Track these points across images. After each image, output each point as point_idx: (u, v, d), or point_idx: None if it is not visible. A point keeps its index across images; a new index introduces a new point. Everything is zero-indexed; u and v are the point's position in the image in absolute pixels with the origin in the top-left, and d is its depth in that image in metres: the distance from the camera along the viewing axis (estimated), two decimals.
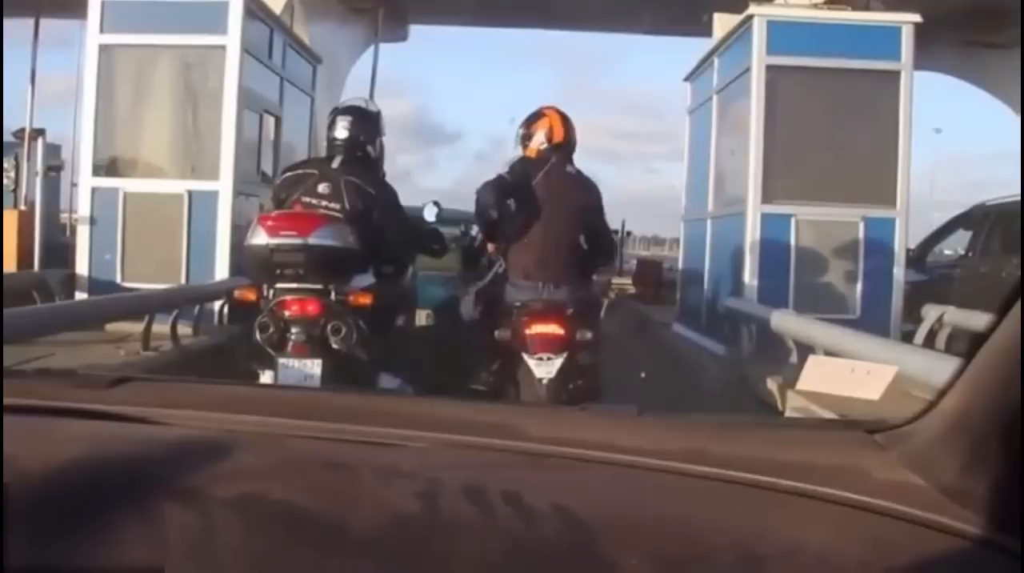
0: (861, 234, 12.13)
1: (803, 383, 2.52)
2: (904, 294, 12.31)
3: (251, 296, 6.60)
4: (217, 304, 12.18)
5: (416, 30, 27.41)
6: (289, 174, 7.25)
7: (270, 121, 14.46)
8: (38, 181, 15.34)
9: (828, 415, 7.90)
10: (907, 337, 11.33)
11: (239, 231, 12.34)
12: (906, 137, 12.15)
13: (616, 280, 24.68)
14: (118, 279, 12.39)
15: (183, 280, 12.32)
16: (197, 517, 1.21)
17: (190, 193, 12.44)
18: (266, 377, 6.23)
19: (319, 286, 6.33)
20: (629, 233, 46.92)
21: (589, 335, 6.74)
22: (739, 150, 12.92)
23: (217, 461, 1.36)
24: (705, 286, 14.39)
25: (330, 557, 1.16)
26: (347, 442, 1.52)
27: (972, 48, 20.32)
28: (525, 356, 6.63)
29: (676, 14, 20.77)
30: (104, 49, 12.56)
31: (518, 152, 7.36)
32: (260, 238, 6.24)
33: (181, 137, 12.78)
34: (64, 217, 18.55)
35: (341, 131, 7.14)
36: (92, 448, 1.39)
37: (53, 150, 17.42)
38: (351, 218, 6.64)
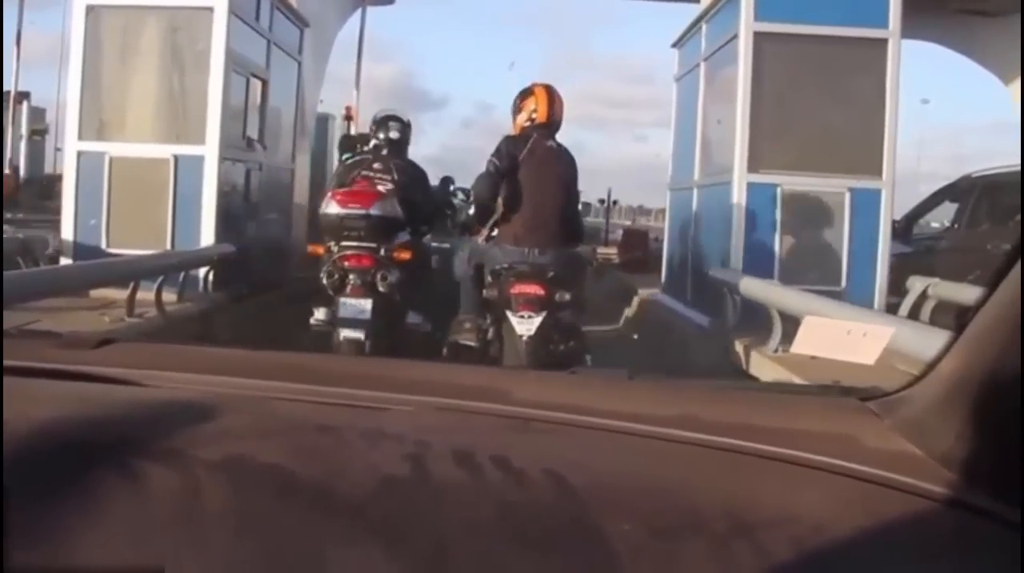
0: (847, 205, 12.06)
1: (798, 346, 2.50)
2: (890, 266, 12.25)
3: (320, 251, 8.77)
4: (202, 271, 12.22)
5: None
6: (349, 160, 9.84)
7: (256, 85, 14.37)
8: (22, 145, 15.30)
9: (812, 383, 7.94)
10: (892, 309, 11.35)
11: (225, 196, 12.40)
12: (893, 107, 12.05)
13: (602, 250, 24.96)
14: (103, 245, 12.34)
15: (168, 246, 12.31)
16: (182, 478, 1.19)
17: (176, 158, 12.41)
18: (320, 313, 8.54)
19: (373, 244, 8.47)
20: (615, 202, 46.43)
21: (568, 296, 7.71)
22: (726, 118, 12.85)
23: (202, 423, 1.34)
24: (690, 256, 14.41)
25: (317, 520, 1.14)
26: (334, 405, 1.50)
27: (961, 16, 20.18)
28: (508, 314, 7.63)
29: None
30: (91, 11, 12.50)
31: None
32: (333, 208, 8.63)
33: (167, 101, 12.70)
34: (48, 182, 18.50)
35: (392, 133, 9.65)
36: (75, 409, 1.37)
37: (38, 114, 17.39)
38: (397, 190, 9.00)
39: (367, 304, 8.24)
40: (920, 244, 15.09)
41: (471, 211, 8.93)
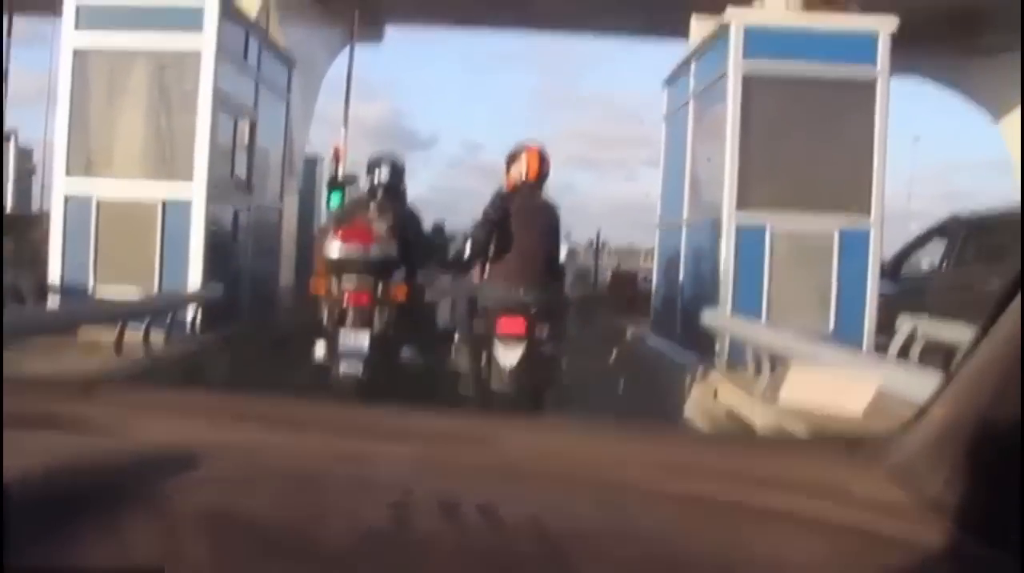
0: (836, 244, 12.06)
1: (786, 394, 2.52)
2: (878, 306, 12.22)
3: (322, 288, 9.51)
4: (191, 311, 12.18)
5: (392, 31, 27.38)
6: (348, 205, 10.92)
7: (245, 125, 14.34)
8: (9, 186, 15.21)
9: (800, 428, 7.94)
10: (881, 349, 11.34)
11: (213, 237, 12.35)
12: (881, 145, 12.09)
13: (591, 295, 25.13)
14: (91, 285, 12.27)
15: (156, 287, 12.22)
16: (165, 528, 1.17)
17: (164, 199, 12.35)
18: (320, 347, 9.30)
19: (371, 283, 9.27)
20: (604, 244, 46.42)
21: (546, 329, 8.86)
22: (715, 157, 12.85)
23: (185, 472, 1.32)
24: (679, 295, 14.35)
25: (299, 571, 1.12)
26: (318, 454, 1.49)
27: (953, 54, 20.18)
28: (496, 343, 8.69)
29: (656, 17, 20.76)
30: (78, 54, 12.47)
31: (502, 183, 9.57)
32: (334, 249, 9.35)
33: (155, 142, 12.63)
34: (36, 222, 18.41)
35: (384, 176, 10.31)
36: (58, 459, 1.35)
37: (25, 154, 17.33)
38: (393, 232, 9.58)
39: (365, 339, 9.10)
40: (909, 284, 15.08)
41: (468, 253, 9.39)
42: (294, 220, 17.97)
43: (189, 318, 12.21)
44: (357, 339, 9.13)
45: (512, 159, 9.51)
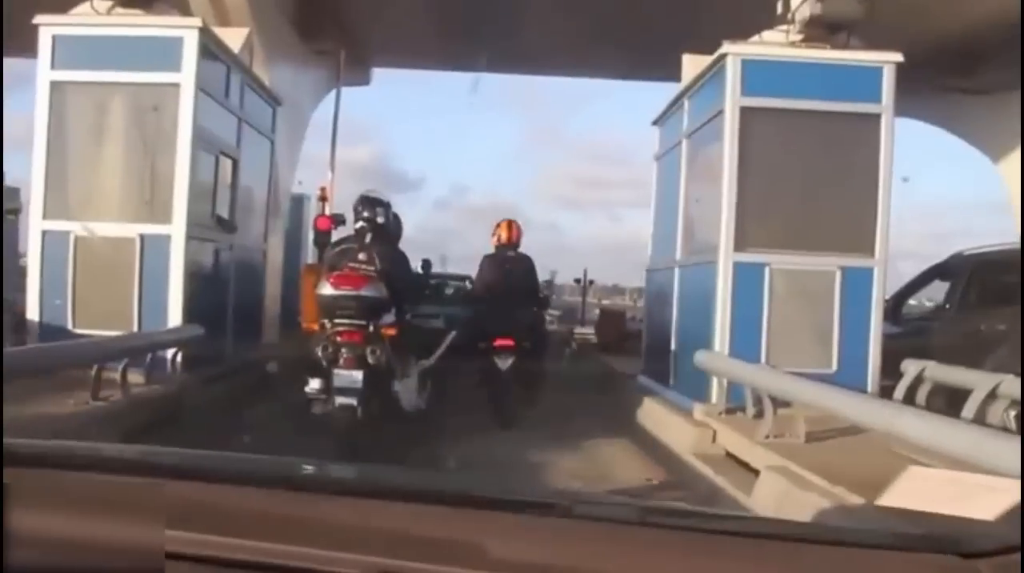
0: (838, 284, 11.70)
1: (892, 497, 2.25)
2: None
3: (316, 327, 10.39)
4: (170, 352, 11.97)
5: (379, 73, 27.59)
6: (338, 248, 11.22)
7: (227, 163, 14.13)
8: None
9: (812, 478, 7.62)
10: (885, 392, 10.98)
11: (193, 277, 12.18)
12: (886, 183, 11.74)
13: (579, 330, 25.90)
14: (69, 325, 12.03)
15: (135, 327, 11.99)
16: None
17: (142, 237, 12.14)
18: (313, 384, 9.95)
19: (363, 322, 9.92)
20: (592, 282, 47.95)
21: (527, 345, 13.07)
22: (710, 196, 12.47)
23: None
24: (672, 337, 14.01)
25: None
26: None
27: (945, 93, 19.99)
28: (493, 356, 12.75)
29: (644, 58, 20.63)
30: (55, 87, 12.32)
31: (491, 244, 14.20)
32: (327, 290, 9.99)
33: (134, 178, 12.45)
34: (24, 261, 18.20)
35: (369, 217, 10.88)
36: None
37: (11, 193, 17.16)
38: (383, 274, 10.31)
39: (359, 375, 9.67)
40: (910, 325, 14.73)
41: (473, 293, 15.05)
42: (280, 259, 17.98)
43: (169, 358, 12.01)
44: (351, 376, 9.67)
45: (496, 228, 14.18)
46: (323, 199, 19.40)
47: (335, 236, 14.45)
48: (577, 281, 41.89)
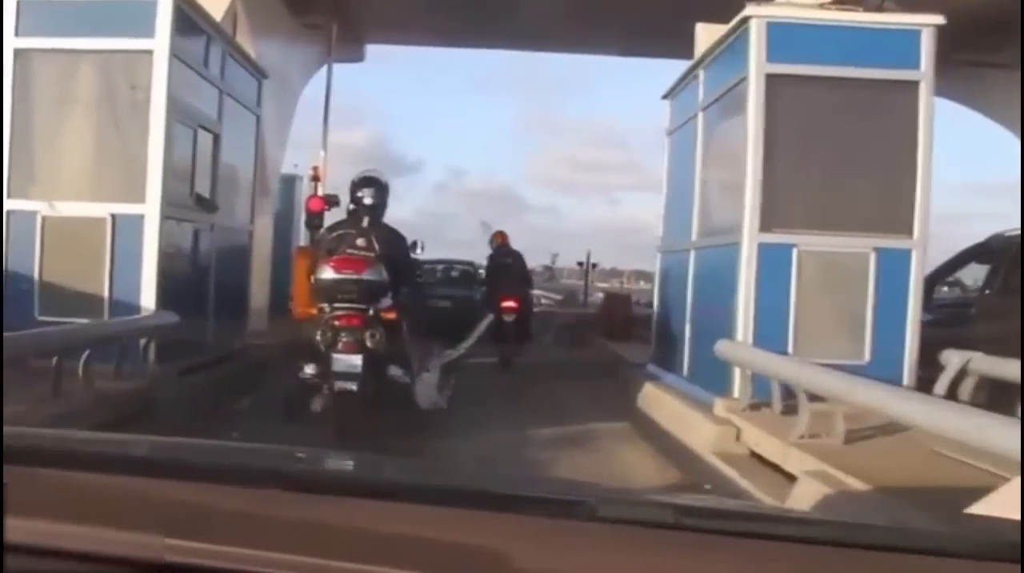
0: (872, 267, 10.89)
1: (991, 505, 1.83)
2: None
3: (314, 312, 10.34)
4: (143, 342, 11.28)
5: (373, 50, 27.19)
6: (335, 232, 10.86)
7: (207, 138, 13.34)
8: None
9: (850, 480, 6.87)
10: (922, 385, 10.14)
11: (169, 259, 11.69)
12: (926, 157, 10.87)
13: (579, 311, 27.51)
14: (35, 313, 11.25)
15: (106, 314, 11.29)
16: None
17: (114, 217, 11.42)
18: (309, 368, 9.99)
19: (364, 305, 10.05)
20: (595, 265, 48.83)
21: (524, 306, 19.43)
22: (730, 173, 11.69)
23: None
24: (687, 324, 13.28)
25: None
26: None
27: (969, 68, 19.29)
28: (503, 314, 18.29)
29: (648, 32, 20.15)
30: (20, 55, 11.56)
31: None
32: (329, 274, 10.08)
33: (104, 154, 11.72)
34: None
35: (368, 199, 10.89)
36: None
37: None
38: (382, 257, 10.33)
39: (358, 359, 9.79)
40: (944, 311, 13.87)
41: (486, 281, 21.22)
42: (268, 241, 17.39)
43: (142, 348, 11.30)
44: (350, 360, 9.79)
45: (492, 236, 20.81)
46: (316, 179, 18.89)
47: (328, 218, 13.61)
48: (580, 264, 42.11)
